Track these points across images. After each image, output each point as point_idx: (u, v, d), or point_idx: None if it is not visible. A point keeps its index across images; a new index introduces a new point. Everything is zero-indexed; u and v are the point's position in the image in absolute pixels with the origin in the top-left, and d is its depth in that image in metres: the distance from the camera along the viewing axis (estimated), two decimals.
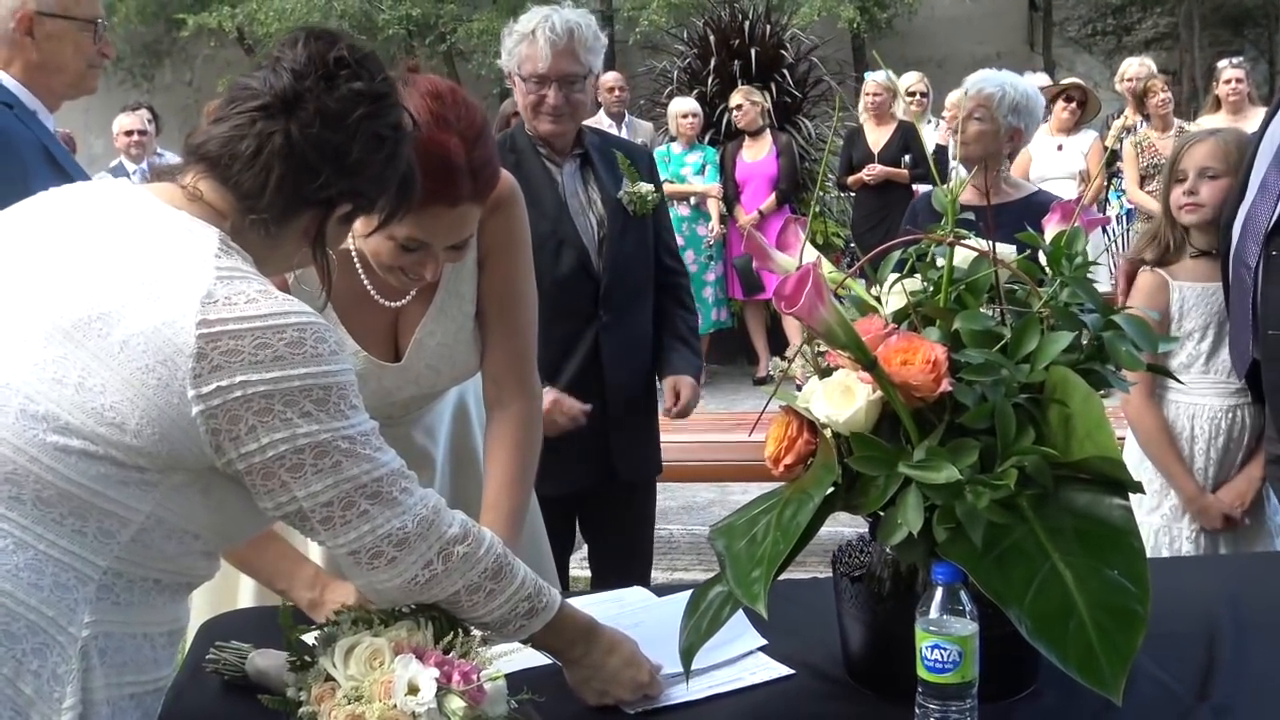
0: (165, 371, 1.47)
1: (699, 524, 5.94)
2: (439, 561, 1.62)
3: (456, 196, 1.96)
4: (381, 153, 1.65)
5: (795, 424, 1.74)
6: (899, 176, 8.38)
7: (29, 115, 2.97)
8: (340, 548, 1.59)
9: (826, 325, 1.60)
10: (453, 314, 2.25)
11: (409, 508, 1.60)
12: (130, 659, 1.57)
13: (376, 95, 1.64)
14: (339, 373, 1.55)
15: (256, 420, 1.50)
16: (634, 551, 3.45)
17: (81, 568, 1.51)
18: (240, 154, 1.59)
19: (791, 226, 1.89)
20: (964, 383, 1.61)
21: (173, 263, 1.53)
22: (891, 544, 1.63)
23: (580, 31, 3.07)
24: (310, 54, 1.61)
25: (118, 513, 1.51)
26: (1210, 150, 3.21)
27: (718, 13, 11.28)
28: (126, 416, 1.47)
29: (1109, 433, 1.57)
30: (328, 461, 1.54)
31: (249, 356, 1.48)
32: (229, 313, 1.49)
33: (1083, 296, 1.71)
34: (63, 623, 1.50)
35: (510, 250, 2.30)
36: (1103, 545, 1.57)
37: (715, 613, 1.70)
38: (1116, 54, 15.01)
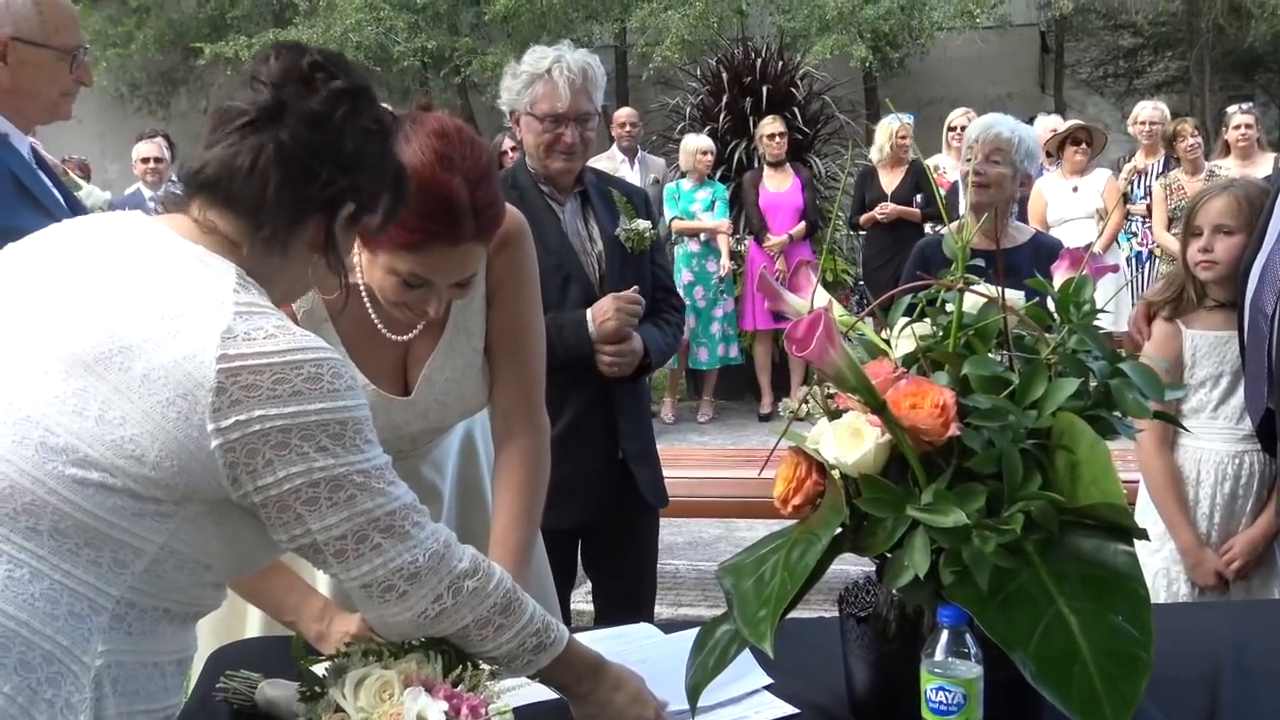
0: (185, 405, 1.49)
1: (705, 559, 5.94)
2: (449, 595, 1.64)
3: (459, 236, 1.98)
4: (373, 145, 1.67)
5: (804, 465, 1.76)
6: (911, 215, 8.43)
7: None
8: (352, 580, 1.60)
9: (837, 369, 1.62)
10: (461, 350, 2.27)
11: (420, 541, 1.62)
12: (141, 688, 1.58)
13: (356, 91, 1.66)
14: (355, 408, 1.58)
15: (274, 454, 1.52)
16: (638, 587, 3.45)
17: (95, 597, 1.52)
18: (237, 170, 1.60)
19: (803, 269, 1.92)
20: (972, 428, 1.62)
21: (192, 298, 1.55)
22: (898, 586, 1.65)
23: (592, 71, 3.13)
24: (284, 65, 1.64)
25: (132, 544, 1.53)
26: (1224, 207, 3.21)
27: (731, 50, 11.38)
28: (146, 449, 1.49)
29: (1114, 479, 1.58)
30: (342, 495, 1.56)
31: (268, 391, 1.51)
32: (249, 348, 1.51)
33: (1090, 344, 1.73)
34: (77, 652, 1.51)
35: (518, 286, 2.32)
36: (1107, 591, 1.58)
37: (722, 651, 1.72)
38: (1127, 97, 15.09)
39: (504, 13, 13.51)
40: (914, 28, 13.30)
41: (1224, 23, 14.68)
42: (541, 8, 13.40)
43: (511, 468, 2.31)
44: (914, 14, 13.19)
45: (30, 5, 2.88)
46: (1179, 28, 15.81)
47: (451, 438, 2.46)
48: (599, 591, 3.51)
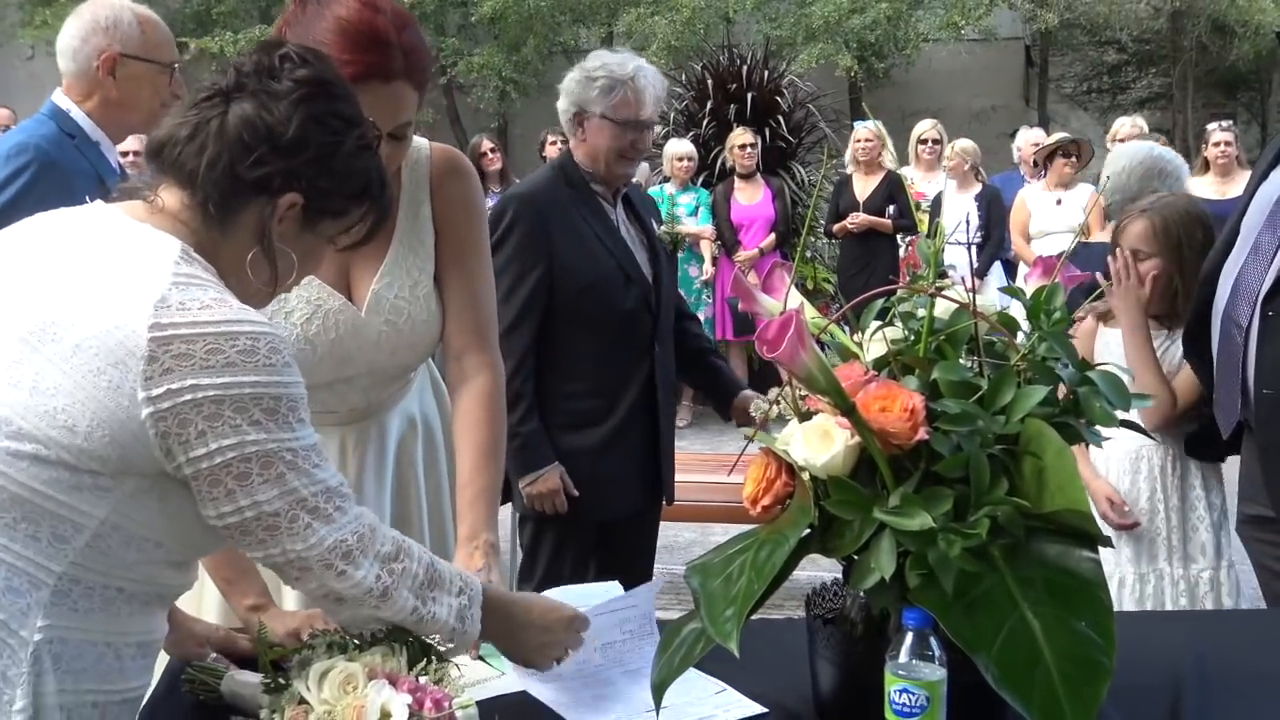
0: (116, 374, 1.50)
1: (679, 563, 5.92)
2: (386, 575, 1.65)
3: (390, 70, 2.03)
4: (324, 136, 1.66)
5: (774, 465, 1.76)
6: (882, 226, 8.48)
7: (89, 146, 3.16)
8: (289, 553, 1.59)
9: (807, 370, 1.63)
10: (408, 268, 2.27)
11: (344, 524, 1.62)
12: (90, 667, 1.58)
13: (319, 80, 1.67)
14: (290, 384, 1.57)
15: (206, 425, 1.51)
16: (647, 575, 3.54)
17: (35, 572, 1.54)
18: (179, 139, 1.63)
19: (777, 271, 1.92)
20: (940, 432, 1.63)
21: (130, 270, 1.56)
22: (864, 588, 1.65)
23: (663, 83, 3.35)
24: (259, 56, 1.67)
25: (72, 518, 1.53)
26: (1140, 232, 3.32)
27: (716, 56, 11.39)
28: (77, 419, 1.50)
29: (1080, 487, 1.60)
30: (272, 472, 1.56)
31: (200, 361, 1.50)
32: (182, 317, 1.51)
33: (1060, 351, 1.74)
34: (14, 626, 1.53)
35: (467, 220, 2.34)
36: (1071, 596, 1.59)
37: (689, 649, 1.72)
38: (1110, 112, 15.19)
39: (491, 15, 13.52)
40: (900, 38, 13.38)
41: (1207, 41, 14.79)
42: (529, 10, 13.42)
43: (469, 410, 2.32)
44: (900, 25, 13.26)
45: (135, 24, 3.18)
46: (1163, 45, 15.93)
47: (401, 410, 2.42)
48: None
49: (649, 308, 3.33)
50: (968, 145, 8.72)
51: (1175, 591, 3.30)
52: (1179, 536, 3.30)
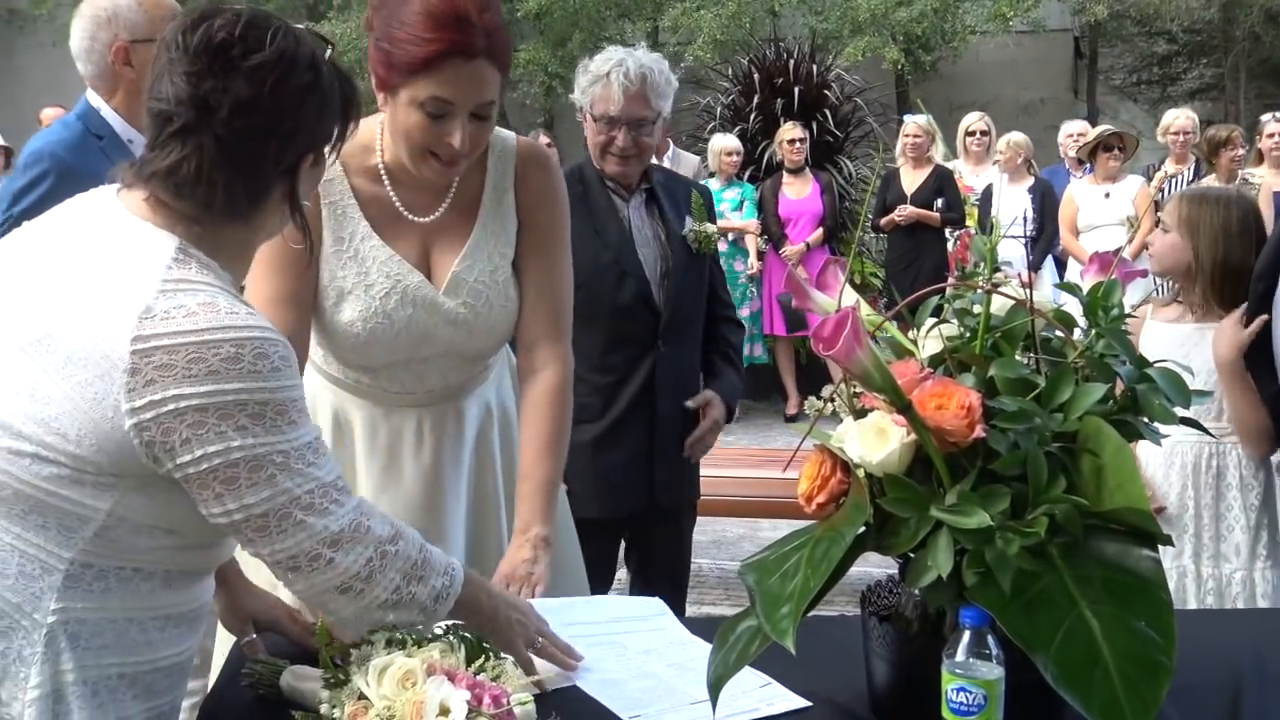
0: (101, 386, 1.52)
1: (728, 559, 5.95)
2: (377, 558, 1.66)
3: (471, 48, 2.09)
4: (312, 99, 1.66)
5: (829, 463, 1.76)
6: (929, 219, 8.41)
7: (117, 147, 3.12)
8: (276, 555, 1.61)
9: (863, 368, 1.63)
10: (489, 253, 2.33)
11: (340, 516, 1.63)
12: (112, 642, 1.62)
13: (279, 57, 1.62)
14: (278, 389, 1.57)
15: (190, 433, 1.53)
16: (675, 581, 3.50)
17: (46, 559, 1.58)
18: (184, 178, 1.61)
19: (831, 268, 1.92)
20: (997, 429, 1.62)
21: (120, 278, 1.57)
22: (920, 586, 1.65)
23: (652, 76, 3.15)
24: (195, 49, 1.60)
25: (77, 511, 1.57)
26: (1170, 207, 3.46)
27: (763, 51, 11.36)
28: (67, 427, 1.53)
29: (1139, 484, 1.59)
30: (262, 475, 1.57)
31: (183, 371, 1.51)
32: (164, 327, 1.52)
33: (1118, 348, 1.73)
34: (27, 609, 1.57)
35: (550, 209, 2.41)
36: (1130, 596, 1.58)
37: (744, 647, 1.72)
38: (1161, 104, 14.99)
39: (536, 10, 13.51)
40: (947, 31, 13.25)
41: (1260, 30, 14.59)
42: (574, 6, 13.41)
43: (536, 401, 2.38)
44: (947, 17, 13.13)
45: (135, 8, 3.13)
46: (1214, 35, 15.72)
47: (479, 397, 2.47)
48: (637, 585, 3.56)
49: (648, 304, 3.25)
50: (1020, 138, 8.64)
51: (1200, 589, 3.28)
52: (1210, 534, 3.28)
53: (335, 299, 2.28)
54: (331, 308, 2.28)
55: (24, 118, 12.19)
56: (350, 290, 2.26)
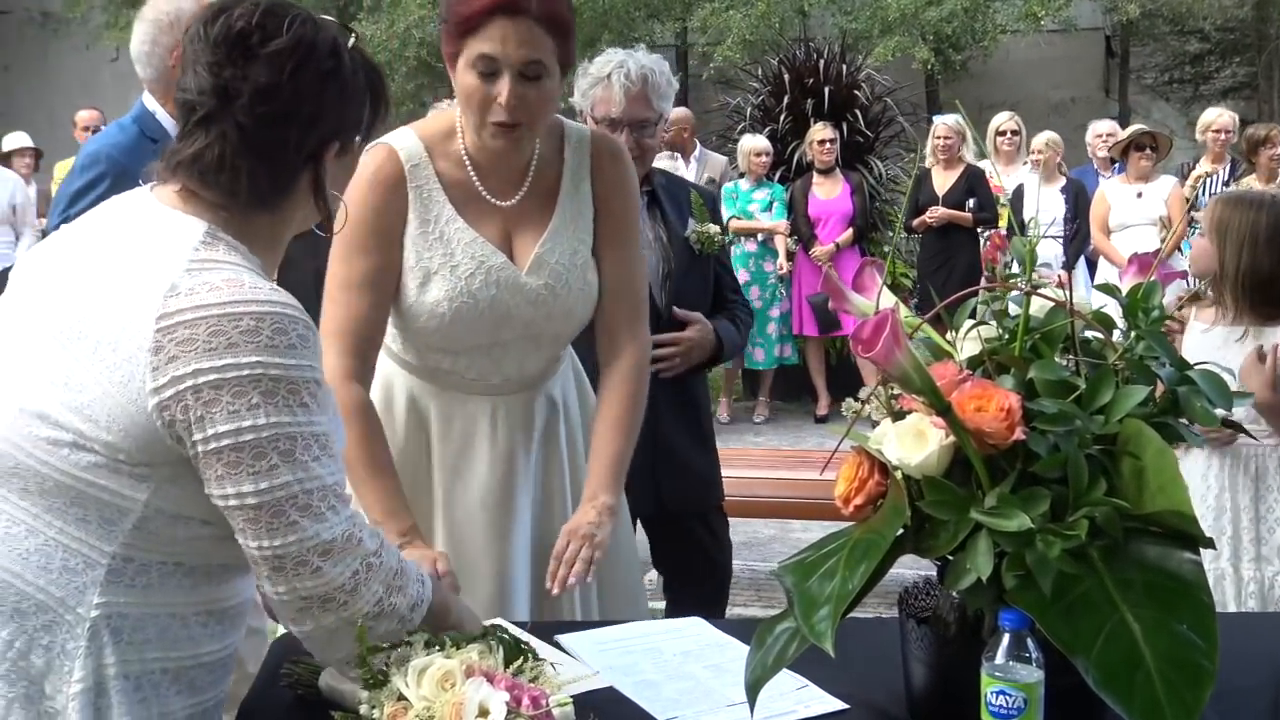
0: (128, 368, 1.54)
1: (759, 560, 5.93)
2: (364, 571, 1.65)
3: (516, 5, 2.17)
4: (332, 85, 1.67)
5: (866, 465, 1.75)
6: (961, 220, 8.36)
7: None
8: (264, 552, 1.59)
9: (902, 370, 1.62)
10: (569, 238, 2.41)
11: (334, 524, 1.62)
12: (154, 637, 1.64)
13: (296, 43, 1.64)
14: (293, 366, 1.57)
15: (204, 410, 1.53)
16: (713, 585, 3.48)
17: (89, 553, 1.60)
18: (208, 166, 1.63)
19: (868, 269, 1.92)
20: (1037, 431, 1.62)
21: (147, 263, 1.59)
22: (960, 588, 1.65)
23: (653, 78, 3.14)
24: (215, 39, 1.62)
25: (115, 503, 1.59)
26: (1206, 210, 3.43)
27: (793, 51, 11.33)
28: (99, 413, 1.55)
29: (1182, 487, 1.57)
30: (264, 464, 1.56)
31: (203, 345, 1.52)
32: (188, 302, 1.54)
33: (1158, 350, 1.72)
34: (71, 603, 1.59)
35: (624, 202, 2.49)
36: (1172, 599, 1.57)
37: (782, 649, 1.72)
38: (1194, 103, 14.92)
39: None
40: (977, 30, 13.18)
41: None
42: (603, 6, 13.41)
43: (614, 384, 2.48)
44: (978, 16, 13.07)
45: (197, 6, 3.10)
46: (1247, 34, 15.61)
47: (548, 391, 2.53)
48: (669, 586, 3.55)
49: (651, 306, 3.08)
50: (1055, 138, 8.59)
51: (1242, 592, 3.26)
52: (1250, 536, 3.25)
53: (422, 279, 2.34)
54: (418, 288, 2.34)
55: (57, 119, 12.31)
56: (436, 270, 2.33)
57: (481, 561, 2.42)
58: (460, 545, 2.42)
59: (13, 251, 8.83)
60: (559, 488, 2.53)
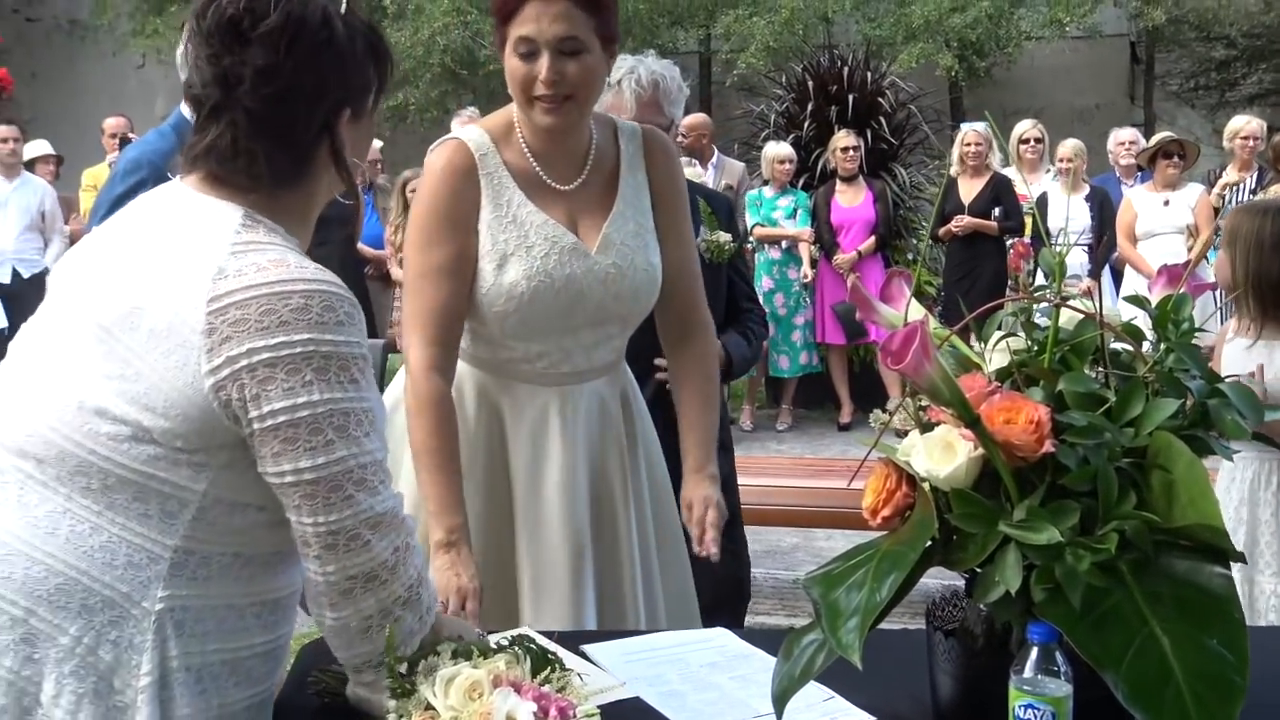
0: (183, 353, 1.58)
1: (782, 568, 5.92)
2: (403, 549, 1.69)
3: None
4: (329, 55, 1.70)
5: (894, 476, 1.75)
6: (987, 228, 8.33)
7: None
8: (319, 528, 1.63)
9: (931, 382, 1.62)
10: (630, 220, 2.52)
11: (385, 498, 1.67)
12: (214, 629, 1.67)
13: (286, 18, 1.67)
14: (342, 343, 1.61)
15: (260, 389, 1.58)
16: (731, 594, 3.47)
17: (152, 548, 1.63)
18: (224, 155, 1.68)
19: (896, 280, 1.92)
20: (1066, 444, 1.61)
21: (192, 248, 1.63)
22: (988, 601, 1.64)
23: (664, 83, 3.16)
24: (209, 30, 1.67)
25: (176, 495, 1.62)
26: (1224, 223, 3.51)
27: (817, 58, 11.32)
28: (156, 400, 1.59)
29: (1212, 500, 1.57)
30: (320, 439, 1.60)
31: (255, 324, 1.57)
32: (237, 283, 1.58)
33: (1188, 362, 1.71)
34: (136, 598, 1.62)
35: (675, 193, 2.62)
36: (1202, 613, 1.56)
37: (809, 660, 1.71)
38: (1219, 110, 14.84)
39: None
40: (1002, 37, 13.16)
41: None
42: (627, 13, 13.43)
43: (690, 363, 2.67)
44: (1002, 23, 13.05)
45: None
46: (1274, 40, 15.52)
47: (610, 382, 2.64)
48: None
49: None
50: (1081, 145, 8.56)
51: (1262, 604, 3.24)
52: (1274, 550, 3.23)
53: (499, 261, 2.43)
54: (495, 270, 2.43)
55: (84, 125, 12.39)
56: (513, 253, 2.43)
57: (558, 551, 2.49)
58: (538, 531, 2.50)
59: (41, 257, 8.90)
60: (620, 480, 2.60)
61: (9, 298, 8.55)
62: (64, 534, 1.62)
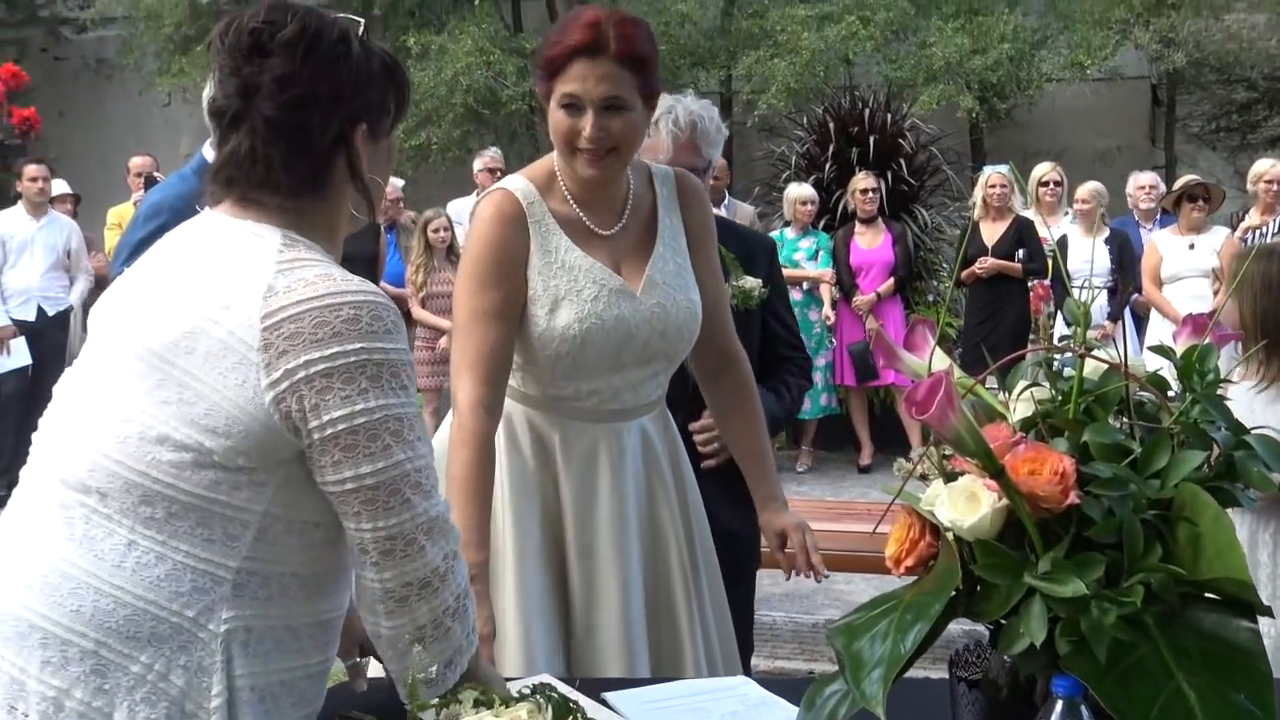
0: (242, 371, 1.64)
1: (802, 612, 5.90)
2: (452, 557, 1.74)
3: (598, 46, 2.38)
4: (345, 67, 1.76)
5: (917, 526, 1.75)
6: (1012, 270, 8.33)
7: None
8: (379, 531, 1.68)
9: (956, 433, 1.62)
10: (671, 259, 2.61)
11: (438, 501, 1.72)
12: (272, 649, 1.72)
13: (302, 29, 1.75)
14: (391, 350, 1.68)
15: (318, 399, 1.64)
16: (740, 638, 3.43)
17: (215, 571, 1.68)
18: (242, 161, 1.74)
19: (920, 328, 1.91)
20: (1092, 496, 1.60)
21: (239, 270, 1.69)
22: (1012, 653, 1.63)
23: (702, 124, 3.13)
24: (231, 46, 1.74)
25: (238, 517, 1.68)
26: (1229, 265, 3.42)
27: (837, 99, 11.36)
28: (217, 421, 1.64)
29: (1239, 554, 1.55)
30: (378, 445, 1.66)
31: (309, 336, 1.63)
32: (289, 298, 1.64)
33: (1214, 414, 1.70)
34: (203, 621, 1.68)
35: (710, 231, 2.73)
36: (1229, 667, 1.55)
37: (832, 710, 1.71)
38: (1240, 151, 14.82)
39: None
40: (1022, 79, 13.18)
41: None
42: None
43: (741, 390, 2.78)
44: (1023, 65, 13.07)
45: None
46: None
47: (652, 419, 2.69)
48: None
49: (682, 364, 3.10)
50: (1100, 187, 8.55)
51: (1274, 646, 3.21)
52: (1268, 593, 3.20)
53: (551, 305, 2.50)
54: (548, 315, 2.50)
55: (110, 163, 12.49)
56: (564, 297, 2.50)
57: (610, 584, 2.54)
58: (590, 565, 2.55)
59: (66, 295, 8.96)
60: (668, 516, 2.65)
61: (34, 335, 8.61)
62: (130, 566, 1.67)
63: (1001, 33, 12.70)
